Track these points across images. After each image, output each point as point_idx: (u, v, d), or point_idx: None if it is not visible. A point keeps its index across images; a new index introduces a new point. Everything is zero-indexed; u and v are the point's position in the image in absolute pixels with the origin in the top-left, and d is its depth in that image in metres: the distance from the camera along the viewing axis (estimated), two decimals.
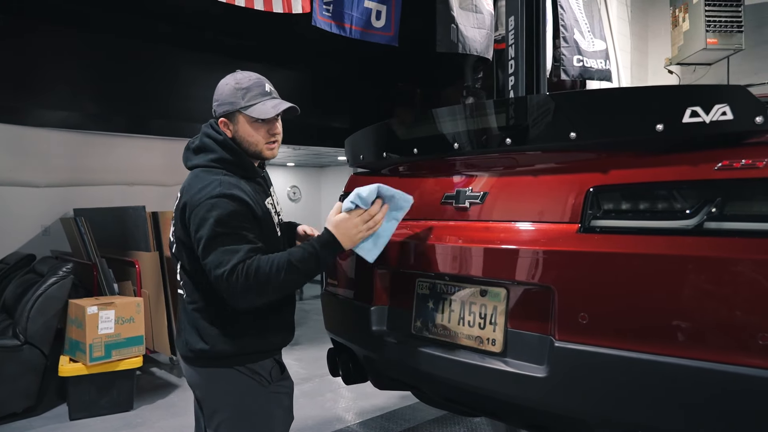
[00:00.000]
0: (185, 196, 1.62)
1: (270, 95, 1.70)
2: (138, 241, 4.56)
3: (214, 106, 1.71)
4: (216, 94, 1.71)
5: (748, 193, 1.27)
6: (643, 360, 1.28)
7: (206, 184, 1.58)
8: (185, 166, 1.76)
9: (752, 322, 1.18)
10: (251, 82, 1.68)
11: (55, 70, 5.06)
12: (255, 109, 1.66)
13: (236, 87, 1.67)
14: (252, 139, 1.69)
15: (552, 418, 1.56)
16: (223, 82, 1.71)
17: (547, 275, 1.50)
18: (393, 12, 4.23)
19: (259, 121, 1.67)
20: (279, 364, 1.72)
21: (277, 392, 1.68)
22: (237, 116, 1.67)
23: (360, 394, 3.87)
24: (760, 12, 5.67)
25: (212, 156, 1.67)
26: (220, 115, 1.69)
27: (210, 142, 1.69)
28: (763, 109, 1.22)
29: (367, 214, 1.62)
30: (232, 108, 1.66)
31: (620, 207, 1.44)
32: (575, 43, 5.22)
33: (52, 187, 5.83)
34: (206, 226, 1.51)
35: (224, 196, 1.55)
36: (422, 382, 1.96)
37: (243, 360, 1.63)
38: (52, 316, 3.71)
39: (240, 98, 1.65)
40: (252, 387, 1.63)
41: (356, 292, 2.09)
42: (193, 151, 1.73)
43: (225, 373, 1.62)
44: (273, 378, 1.67)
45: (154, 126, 6.19)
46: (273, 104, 1.68)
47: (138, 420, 3.60)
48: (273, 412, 1.67)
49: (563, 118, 1.51)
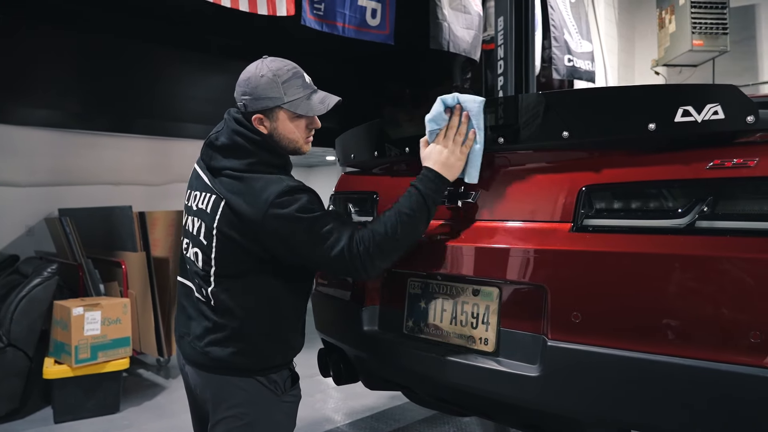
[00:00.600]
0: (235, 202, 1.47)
1: (311, 87, 1.57)
2: (124, 242, 4.51)
3: (244, 99, 1.52)
4: (246, 87, 1.52)
5: (739, 192, 1.27)
6: (635, 359, 1.28)
7: (264, 186, 1.46)
8: (207, 165, 1.58)
9: (743, 321, 1.19)
10: (290, 72, 1.53)
11: (39, 69, 5.00)
12: (301, 105, 1.53)
13: (275, 79, 1.50)
14: (293, 136, 1.57)
15: (545, 417, 1.56)
16: (255, 73, 1.52)
17: (539, 274, 1.50)
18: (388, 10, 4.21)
19: (302, 116, 1.55)
20: (293, 373, 1.66)
21: (288, 402, 1.62)
22: (277, 112, 1.53)
23: (349, 395, 3.86)
24: (745, 14, 5.75)
25: (251, 160, 1.51)
26: (255, 111, 1.52)
27: (243, 142, 1.52)
28: (755, 109, 1.23)
29: (451, 131, 1.55)
30: (272, 104, 1.51)
31: (613, 206, 1.44)
32: (565, 43, 5.25)
33: (36, 187, 5.74)
34: (296, 220, 1.42)
35: (293, 189, 1.46)
36: (414, 382, 1.95)
37: (267, 371, 1.55)
38: (37, 318, 3.65)
39: (282, 92, 1.50)
40: (266, 396, 1.55)
41: (347, 292, 2.07)
42: (220, 151, 1.55)
43: (243, 382, 1.54)
44: (286, 387, 1.60)
45: (141, 125, 6.14)
46: (319, 98, 1.56)
47: (125, 422, 3.56)
48: (280, 421, 1.59)
49: (556, 117, 1.51)
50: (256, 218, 1.43)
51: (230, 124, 1.55)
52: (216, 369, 1.54)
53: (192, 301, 1.60)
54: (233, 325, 1.51)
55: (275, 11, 3.52)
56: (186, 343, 1.61)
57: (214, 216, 1.51)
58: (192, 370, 1.62)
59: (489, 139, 1.61)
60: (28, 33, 4.78)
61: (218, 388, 1.55)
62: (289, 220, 1.42)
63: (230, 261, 1.51)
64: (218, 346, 1.51)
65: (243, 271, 1.51)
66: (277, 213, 1.42)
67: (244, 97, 1.53)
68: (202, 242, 1.55)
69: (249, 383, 1.53)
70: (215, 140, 1.56)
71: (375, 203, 2.04)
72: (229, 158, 1.53)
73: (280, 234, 1.44)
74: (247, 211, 1.44)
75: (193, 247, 1.59)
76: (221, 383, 1.54)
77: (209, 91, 5.88)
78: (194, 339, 1.56)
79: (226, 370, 1.53)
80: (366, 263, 1.46)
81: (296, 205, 1.43)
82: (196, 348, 1.56)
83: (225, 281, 1.52)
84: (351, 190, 2.23)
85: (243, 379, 1.53)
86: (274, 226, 1.43)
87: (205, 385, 1.59)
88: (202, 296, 1.56)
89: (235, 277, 1.52)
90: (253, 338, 1.52)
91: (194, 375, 1.62)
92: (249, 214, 1.44)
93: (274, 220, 1.42)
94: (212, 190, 1.54)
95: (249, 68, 1.55)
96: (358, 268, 1.46)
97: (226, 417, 1.54)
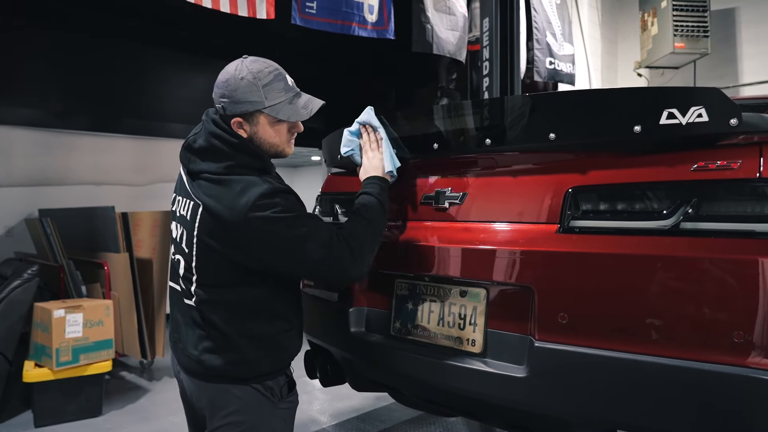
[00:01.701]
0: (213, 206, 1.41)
1: (294, 90, 1.51)
2: (107, 242, 4.44)
3: (223, 102, 1.45)
4: (225, 89, 1.45)
5: (722, 194, 1.29)
6: (622, 359, 1.30)
7: (243, 188, 1.40)
8: (186, 168, 1.53)
9: (726, 321, 1.21)
10: (272, 75, 1.46)
11: (21, 68, 4.91)
12: (282, 110, 1.47)
13: (255, 82, 1.43)
14: (274, 141, 1.51)
15: (532, 417, 1.57)
16: (234, 75, 1.44)
17: (526, 275, 1.51)
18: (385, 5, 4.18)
19: (283, 121, 1.50)
20: (290, 380, 1.61)
21: (284, 408, 1.57)
22: (257, 116, 1.47)
23: (335, 396, 3.84)
24: (725, 18, 5.85)
25: (229, 163, 1.45)
26: (234, 115, 1.46)
27: (221, 145, 1.46)
28: (738, 112, 1.25)
29: (365, 144, 1.78)
30: (253, 108, 1.44)
31: (599, 207, 1.46)
32: (547, 46, 5.29)
33: (16, 187, 5.64)
34: (278, 221, 1.37)
35: (275, 191, 1.41)
36: (402, 383, 1.95)
37: (262, 378, 1.51)
38: (17, 320, 3.58)
39: (262, 96, 1.44)
40: (262, 403, 1.51)
41: (334, 294, 2.06)
42: (198, 154, 1.49)
43: (239, 390, 1.49)
44: (283, 394, 1.56)
45: (124, 124, 6.06)
46: (302, 103, 1.50)
47: (107, 426, 3.51)
48: (277, 428, 1.56)
49: (542, 119, 1.52)
50: (237, 222, 1.37)
51: (208, 126, 1.49)
52: (210, 377, 1.50)
53: (182, 306, 1.56)
54: (223, 333, 1.47)
55: (255, 14, 3.51)
56: (179, 350, 1.58)
57: (194, 223, 1.46)
58: (187, 378, 1.58)
59: (474, 140, 1.63)
60: (10, 31, 4.70)
61: (214, 396, 1.51)
62: (271, 221, 1.37)
63: (211, 271, 1.47)
64: (212, 354, 1.48)
65: (225, 282, 1.46)
66: (258, 216, 1.36)
67: (223, 99, 1.46)
68: (183, 249, 1.52)
69: (244, 391, 1.49)
70: (193, 143, 1.51)
71: None
72: (207, 161, 1.47)
73: (261, 237, 1.38)
74: (227, 214, 1.39)
75: (176, 254, 1.56)
76: (217, 391, 1.50)
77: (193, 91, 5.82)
78: (187, 347, 1.53)
79: (220, 378, 1.49)
80: (353, 263, 1.47)
81: (278, 207, 1.39)
82: (190, 356, 1.52)
83: (208, 291, 1.48)
84: (338, 191, 2.23)
85: (238, 387, 1.49)
86: (255, 229, 1.37)
87: (201, 393, 1.55)
88: (191, 302, 1.52)
89: (218, 287, 1.47)
90: (243, 347, 1.48)
91: (189, 383, 1.58)
92: (229, 218, 1.38)
93: (255, 222, 1.37)
94: (191, 196, 1.49)
95: (228, 69, 1.47)
96: (342, 267, 1.46)
97: (223, 425, 1.50)
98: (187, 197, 1.52)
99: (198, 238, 1.46)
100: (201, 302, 1.48)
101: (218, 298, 1.47)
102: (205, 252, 1.45)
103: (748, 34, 5.79)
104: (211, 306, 1.48)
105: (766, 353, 1.16)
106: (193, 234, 1.47)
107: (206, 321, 1.48)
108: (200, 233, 1.45)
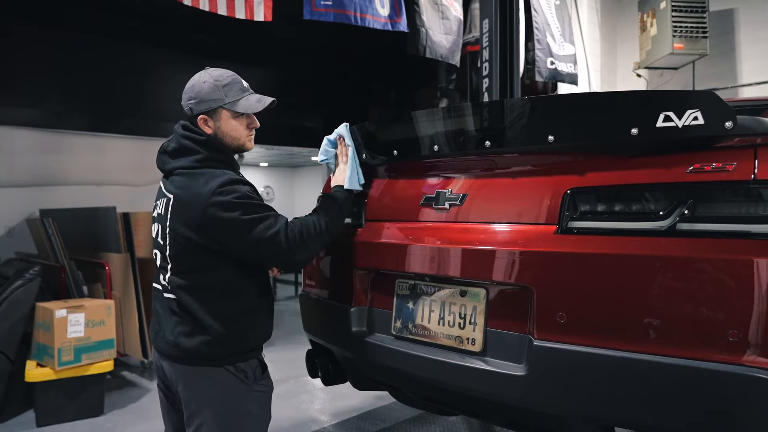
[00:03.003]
0: (182, 195, 1.62)
1: (249, 90, 1.75)
2: (108, 243, 4.46)
3: (190, 104, 1.70)
4: (192, 93, 1.70)
5: (718, 196, 1.31)
6: (619, 358, 1.32)
7: (207, 179, 1.61)
8: (162, 170, 1.75)
9: (722, 320, 1.23)
10: (230, 78, 1.72)
11: (21, 68, 4.92)
12: (240, 104, 1.71)
13: (216, 83, 1.69)
14: (236, 134, 1.73)
15: (531, 415, 1.59)
16: (198, 80, 1.71)
17: (525, 275, 1.53)
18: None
19: (242, 115, 1.72)
20: (261, 363, 1.75)
21: (259, 391, 1.70)
22: (220, 112, 1.70)
23: (335, 395, 3.86)
24: (724, 19, 5.87)
25: (197, 157, 1.67)
26: (200, 113, 1.69)
27: (190, 143, 1.69)
28: (733, 115, 1.27)
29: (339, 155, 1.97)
30: (215, 105, 1.68)
31: (597, 208, 1.48)
32: (547, 46, 5.31)
33: (17, 187, 5.66)
34: (235, 206, 1.57)
35: (234, 181, 1.62)
36: (403, 382, 1.97)
37: (235, 359, 1.64)
38: (19, 320, 3.59)
39: (223, 94, 1.68)
40: (237, 386, 1.65)
41: (335, 293, 2.09)
42: (170, 154, 1.72)
43: (214, 372, 1.63)
44: (256, 377, 1.69)
45: (124, 125, 6.07)
46: (256, 98, 1.74)
47: (108, 425, 3.53)
48: (253, 411, 1.68)
49: (541, 121, 1.54)
50: (201, 206, 1.57)
51: (179, 131, 1.73)
52: (186, 360, 1.64)
53: (162, 301, 1.71)
54: (195, 317, 1.62)
55: (253, 16, 3.54)
56: (160, 339, 1.71)
57: (167, 216, 1.65)
58: (167, 365, 1.71)
59: (474, 142, 1.66)
60: (10, 32, 4.71)
61: (191, 380, 1.65)
62: (230, 205, 1.57)
63: (183, 257, 1.63)
64: (186, 337, 1.62)
65: (195, 266, 1.63)
66: (219, 200, 1.56)
67: (190, 101, 1.70)
68: (160, 243, 1.70)
69: (219, 373, 1.62)
70: (167, 147, 1.74)
71: (363, 205, 2.06)
72: (179, 159, 1.69)
73: (221, 220, 1.56)
74: (193, 200, 1.59)
75: (155, 250, 1.74)
76: (193, 375, 1.64)
77: None
78: (165, 334, 1.67)
79: (196, 360, 1.63)
80: (299, 248, 1.64)
81: (237, 194, 1.59)
82: (168, 342, 1.66)
83: (181, 277, 1.64)
84: None
85: (213, 369, 1.62)
86: (215, 212, 1.56)
87: (178, 377, 1.67)
88: (169, 294, 1.68)
89: (189, 272, 1.63)
90: (214, 328, 1.61)
91: (169, 368, 1.71)
92: (194, 204, 1.58)
93: (216, 206, 1.56)
94: (165, 194, 1.70)
95: (193, 78, 1.73)
96: (291, 251, 1.62)
97: (199, 409, 1.63)
98: (162, 197, 1.71)
99: (170, 228, 1.64)
100: (175, 289, 1.65)
101: (190, 283, 1.63)
102: (176, 240, 1.63)
103: (747, 34, 5.81)
104: (184, 291, 1.63)
105: (760, 351, 1.19)
106: (167, 226, 1.65)
107: (181, 307, 1.64)
108: (172, 223, 1.64)
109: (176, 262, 1.64)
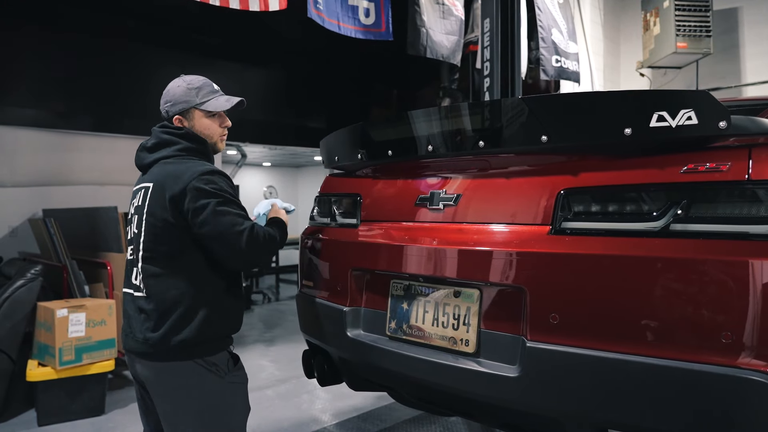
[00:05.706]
0: (163, 179, 1.69)
1: (219, 92, 1.88)
2: (110, 242, 4.47)
3: (166, 107, 1.84)
4: (167, 97, 1.84)
5: (711, 196, 1.30)
6: (612, 359, 1.31)
7: (189, 166, 1.70)
8: (141, 164, 1.86)
9: (715, 321, 1.22)
10: (201, 82, 1.85)
11: (23, 68, 4.95)
12: (210, 104, 1.84)
13: (189, 87, 1.83)
14: (208, 132, 1.86)
15: (525, 417, 1.58)
16: (173, 85, 1.85)
17: (519, 276, 1.52)
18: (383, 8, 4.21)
19: (214, 115, 1.86)
20: (233, 355, 1.79)
21: (234, 382, 1.74)
22: (192, 112, 1.83)
23: (336, 395, 3.86)
24: (727, 17, 5.83)
25: (179, 146, 1.78)
26: (174, 114, 1.82)
27: (170, 137, 1.80)
28: (726, 115, 1.26)
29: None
30: (188, 105, 1.82)
31: (590, 209, 1.47)
32: (553, 44, 5.28)
33: (20, 187, 5.68)
34: (211, 195, 1.65)
35: (215, 172, 1.72)
36: (397, 383, 1.96)
37: (202, 351, 1.68)
38: (20, 320, 3.61)
39: (194, 96, 1.82)
40: (210, 379, 1.68)
41: (331, 294, 2.08)
42: (149, 149, 1.83)
43: (183, 367, 1.66)
44: (229, 368, 1.73)
45: (126, 125, 6.09)
46: (225, 99, 1.87)
47: (110, 425, 3.54)
48: (231, 403, 1.71)
49: (535, 121, 1.53)
50: (180, 189, 1.65)
51: (156, 130, 1.86)
52: (156, 355, 1.67)
53: (132, 303, 1.75)
54: (163, 307, 1.66)
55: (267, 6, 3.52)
56: (130, 339, 1.75)
57: (145, 203, 1.73)
58: (139, 364, 1.74)
59: (468, 142, 1.66)
60: (12, 32, 4.73)
61: (162, 376, 1.68)
62: (207, 193, 1.66)
63: (154, 241, 1.69)
64: (154, 332, 1.66)
65: (167, 250, 1.69)
66: (198, 186, 1.65)
67: (166, 105, 1.84)
68: (135, 232, 1.77)
69: (190, 368, 1.66)
70: (145, 144, 1.86)
71: (359, 205, 2.05)
72: (160, 150, 1.80)
73: (196, 202, 1.64)
74: (173, 186, 1.66)
75: (129, 248, 1.81)
76: (164, 371, 1.67)
77: None
78: (135, 333, 1.71)
79: (165, 354, 1.66)
80: (260, 248, 1.72)
81: (215, 184, 1.68)
82: (137, 340, 1.70)
83: (151, 263, 1.69)
84: (335, 192, 2.24)
85: (183, 363, 1.66)
86: (192, 195, 1.64)
87: (150, 375, 1.70)
88: (139, 293, 1.72)
89: (159, 258, 1.69)
90: (181, 316, 1.65)
91: (141, 368, 1.73)
92: (174, 187, 1.66)
93: (193, 191, 1.64)
94: (143, 186, 1.77)
95: (169, 84, 1.86)
96: (253, 249, 1.69)
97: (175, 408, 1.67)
98: (140, 191, 1.79)
99: (147, 214, 1.71)
100: (146, 278, 1.70)
101: (159, 270, 1.69)
102: (153, 224, 1.69)
103: (751, 33, 5.77)
104: (154, 279, 1.69)
105: (754, 353, 1.17)
106: (143, 213, 1.72)
107: (150, 302, 1.68)
108: (150, 208, 1.70)
109: (147, 247, 1.70)
